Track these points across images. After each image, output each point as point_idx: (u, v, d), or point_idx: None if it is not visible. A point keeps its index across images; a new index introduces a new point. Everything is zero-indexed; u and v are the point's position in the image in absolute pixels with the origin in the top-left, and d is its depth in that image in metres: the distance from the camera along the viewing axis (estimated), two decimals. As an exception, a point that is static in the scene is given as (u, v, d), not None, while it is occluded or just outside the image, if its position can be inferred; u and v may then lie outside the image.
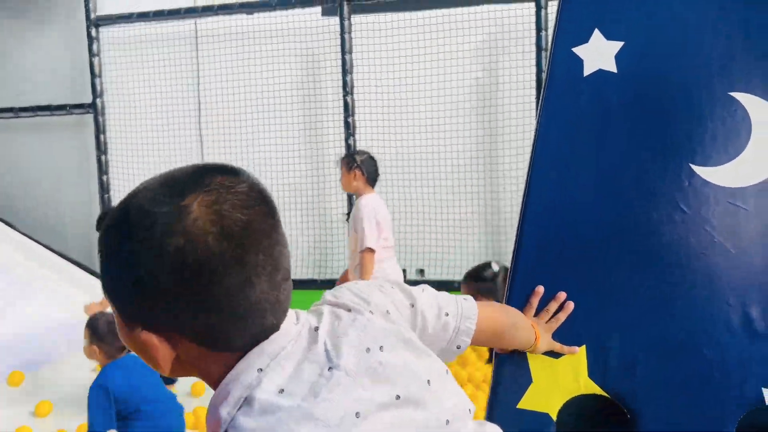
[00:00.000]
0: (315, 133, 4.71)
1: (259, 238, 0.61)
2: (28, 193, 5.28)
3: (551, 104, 1.08)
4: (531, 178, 1.07)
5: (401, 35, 4.41)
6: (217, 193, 0.60)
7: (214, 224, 0.59)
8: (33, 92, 5.16)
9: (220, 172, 0.63)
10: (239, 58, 4.71)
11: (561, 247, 1.06)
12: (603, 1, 1.09)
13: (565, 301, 1.04)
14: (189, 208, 0.59)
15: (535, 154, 1.07)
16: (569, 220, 1.05)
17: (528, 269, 1.06)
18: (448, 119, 4.40)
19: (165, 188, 0.62)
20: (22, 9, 5.16)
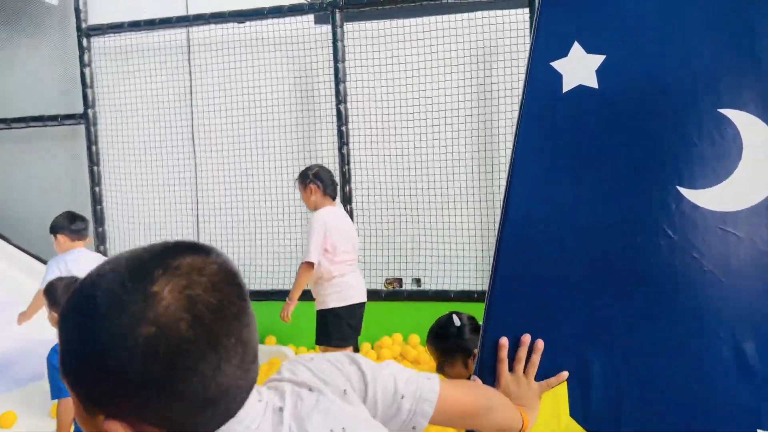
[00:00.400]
0: (308, 143, 4.65)
1: (230, 322, 0.59)
2: (20, 204, 5.22)
3: (528, 123, 1.01)
4: (507, 203, 1.00)
5: (394, 43, 4.35)
6: (188, 278, 0.58)
7: (186, 311, 0.57)
8: (25, 103, 5.11)
9: (190, 251, 0.61)
10: (232, 67, 4.66)
11: (538, 275, 0.99)
12: (583, 11, 1.02)
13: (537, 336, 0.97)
14: (159, 295, 0.57)
15: (512, 178, 1.00)
16: (547, 246, 0.98)
17: (504, 299, 0.99)
18: (443, 127, 4.34)
19: (133, 272, 0.58)
20: (13, 20, 5.12)
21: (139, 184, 4.90)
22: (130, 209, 4.92)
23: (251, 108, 4.64)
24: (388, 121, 4.45)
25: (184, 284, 0.57)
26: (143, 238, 4.90)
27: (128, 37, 4.79)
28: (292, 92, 4.63)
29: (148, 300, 0.56)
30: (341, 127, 4.40)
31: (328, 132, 4.54)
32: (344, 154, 4.42)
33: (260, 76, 4.60)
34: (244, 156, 4.69)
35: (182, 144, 4.84)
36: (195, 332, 0.56)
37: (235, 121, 4.70)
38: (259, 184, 4.64)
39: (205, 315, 0.57)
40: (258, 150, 4.67)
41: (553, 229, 0.98)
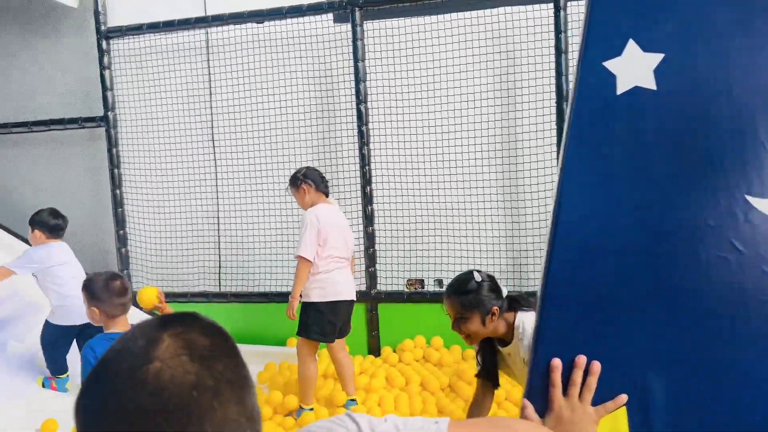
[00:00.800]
0: (328, 143, 4.60)
1: (225, 361, 0.67)
2: (41, 207, 5.23)
3: (579, 127, 0.94)
4: (558, 212, 0.93)
5: (415, 41, 4.28)
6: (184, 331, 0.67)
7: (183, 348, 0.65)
8: (45, 106, 5.13)
9: (179, 318, 0.69)
10: (251, 68, 4.62)
11: (593, 292, 0.92)
12: (638, 6, 0.94)
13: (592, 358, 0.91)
14: (161, 339, 0.65)
15: (562, 187, 0.93)
16: (603, 261, 0.91)
17: (556, 318, 0.92)
18: (465, 126, 4.26)
19: (134, 339, 0.67)
20: (34, 24, 5.13)
21: (160, 186, 4.89)
22: (150, 211, 4.91)
23: (271, 108, 4.60)
24: (410, 120, 4.38)
25: (180, 331, 0.66)
26: (164, 239, 4.89)
27: (147, 39, 4.78)
28: (312, 92, 4.58)
29: (151, 344, 0.64)
30: (361, 127, 4.34)
31: (348, 132, 4.49)
32: (365, 155, 4.36)
33: (279, 77, 4.56)
34: (264, 157, 4.65)
35: (202, 145, 4.82)
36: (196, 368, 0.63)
37: (254, 122, 4.67)
38: (280, 185, 4.60)
39: (202, 352, 0.65)
40: (278, 151, 4.63)
41: (608, 242, 0.91)
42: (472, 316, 1.97)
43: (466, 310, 1.97)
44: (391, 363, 4.14)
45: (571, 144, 0.94)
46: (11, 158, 5.33)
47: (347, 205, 4.52)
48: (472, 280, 1.99)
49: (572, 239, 0.92)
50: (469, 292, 1.97)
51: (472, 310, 1.97)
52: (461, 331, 2.00)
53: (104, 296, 2.38)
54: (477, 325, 1.98)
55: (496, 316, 1.99)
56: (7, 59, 5.25)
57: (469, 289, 1.98)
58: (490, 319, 1.98)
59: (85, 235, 5.16)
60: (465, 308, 1.97)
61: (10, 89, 5.26)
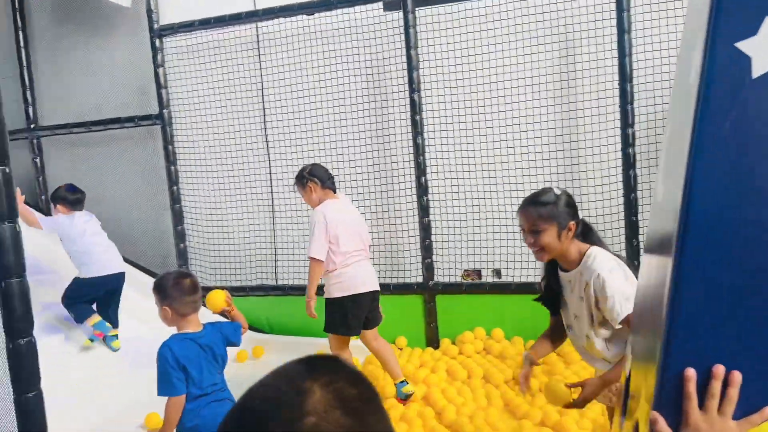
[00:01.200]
0: (381, 134, 4.55)
1: (373, 407, 0.68)
2: (101, 206, 5.35)
3: (709, 115, 0.85)
4: (687, 208, 0.85)
5: (469, 26, 4.18)
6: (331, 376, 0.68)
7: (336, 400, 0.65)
8: (104, 106, 5.23)
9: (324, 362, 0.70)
10: (302, 60, 4.60)
11: (733, 292, 0.84)
12: (773, -21, 0.85)
13: (732, 367, 0.83)
14: (311, 389, 0.65)
15: (692, 179, 0.85)
16: (744, 258, 0.83)
17: (689, 323, 0.85)
18: (523, 112, 4.14)
19: (285, 381, 0.68)
20: (90, 26, 5.23)
21: (214, 181, 4.94)
22: (206, 206, 4.97)
23: (322, 100, 4.58)
24: (464, 107, 4.29)
25: (329, 380, 0.66)
26: (221, 234, 4.94)
27: (199, 36, 4.81)
28: (363, 82, 4.53)
29: (301, 395, 0.64)
30: (415, 116, 4.27)
31: (402, 122, 4.43)
32: (419, 144, 4.29)
33: (331, 68, 4.53)
34: (317, 149, 4.64)
35: (255, 139, 4.84)
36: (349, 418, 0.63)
37: (306, 115, 4.65)
38: (336, 180, 4.57)
39: (353, 404, 0.65)
40: (330, 143, 4.60)
41: (750, 235, 0.83)
42: (549, 227, 1.96)
43: (543, 221, 1.96)
44: (451, 355, 4.09)
45: (701, 131, 0.85)
46: (72, 158, 5.47)
47: (401, 196, 4.47)
48: (551, 192, 2.00)
49: (705, 235, 0.85)
50: (547, 204, 1.97)
51: (550, 221, 1.96)
52: (535, 243, 1.98)
53: (175, 294, 2.37)
54: (552, 238, 1.97)
55: (572, 232, 1.98)
56: (67, 63, 5.37)
57: (547, 200, 1.98)
58: (565, 234, 1.97)
59: (145, 232, 5.27)
60: (542, 219, 1.96)
61: (70, 91, 5.38)
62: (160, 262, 5.16)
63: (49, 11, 5.38)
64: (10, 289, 1.95)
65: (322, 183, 3.48)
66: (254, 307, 4.81)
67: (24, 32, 5.40)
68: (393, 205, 4.56)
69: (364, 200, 4.56)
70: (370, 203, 4.57)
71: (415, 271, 4.45)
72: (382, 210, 4.59)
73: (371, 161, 4.56)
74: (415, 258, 4.45)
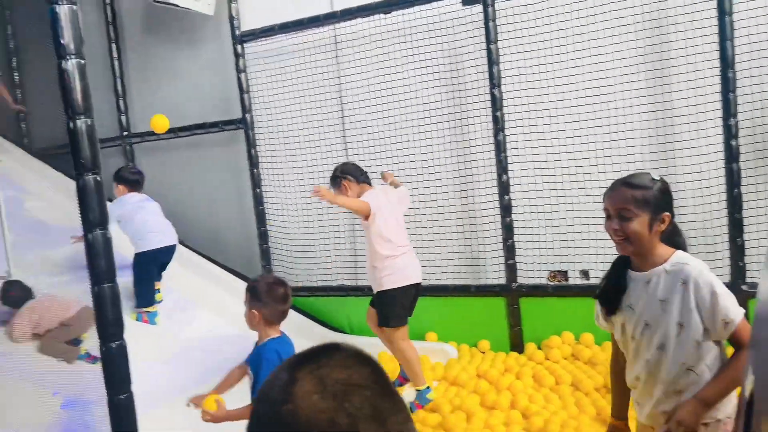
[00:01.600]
0: (461, 131, 4.44)
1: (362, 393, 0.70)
2: (189, 209, 5.56)
3: None
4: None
5: (552, 16, 4.00)
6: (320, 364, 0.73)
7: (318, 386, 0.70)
8: (189, 112, 5.42)
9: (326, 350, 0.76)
10: (379, 60, 4.56)
11: None
12: None
13: None
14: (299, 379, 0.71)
15: None
16: None
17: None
18: (612, 104, 3.91)
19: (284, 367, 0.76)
20: (176, 35, 5.43)
21: (296, 182, 4.99)
22: (288, 207, 5.03)
23: (401, 99, 4.52)
24: (548, 102, 4.11)
25: (315, 367, 0.71)
26: (301, 234, 4.99)
27: (279, 40, 4.87)
28: (442, 80, 4.43)
29: (289, 383, 0.70)
30: (496, 112, 4.14)
31: (482, 119, 4.30)
32: (500, 141, 4.16)
33: (409, 66, 4.46)
34: (396, 149, 4.59)
35: (333, 140, 4.85)
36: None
37: (384, 115, 4.61)
38: (413, 177, 4.52)
39: (335, 388, 0.69)
40: (408, 142, 4.54)
41: None
42: (641, 214, 1.72)
43: (636, 206, 1.71)
44: (537, 360, 3.93)
45: None
46: (161, 163, 5.70)
47: (482, 195, 4.35)
48: (648, 176, 1.76)
49: None
50: (643, 187, 1.73)
51: (642, 207, 1.71)
52: (621, 230, 1.73)
53: (267, 300, 2.35)
54: (642, 226, 1.72)
55: (664, 224, 1.74)
56: (155, 72, 5.60)
57: (642, 183, 1.74)
58: (657, 226, 1.73)
59: (230, 233, 5.42)
60: (635, 203, 1.72)
61: (159, 99, 5.61)
62: (245, 263, 5.28)
63: (139, 23, 5.64)
64: (102, 294, 2.01)
65: (356, 179, 3.53)
66: (335, 307, 4.83)
67: (117, 44, 5.68)
68: (473, 204, 4.44)
69: (444, 199, 4.47)
70: (449, 202, 4.47)
71: (497, 272, 4.32)
72: (462, 209, 4.48)
73: (451, 160, 4.46)
74: (497, 259, 4.31)
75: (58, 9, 1.92)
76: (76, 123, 1.95)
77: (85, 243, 1.99)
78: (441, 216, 4.50)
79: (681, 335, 1.73)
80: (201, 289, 4.91)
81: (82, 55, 1.96)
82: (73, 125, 1.95)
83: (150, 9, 5.38)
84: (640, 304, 1.80)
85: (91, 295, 2.01)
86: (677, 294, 1.72)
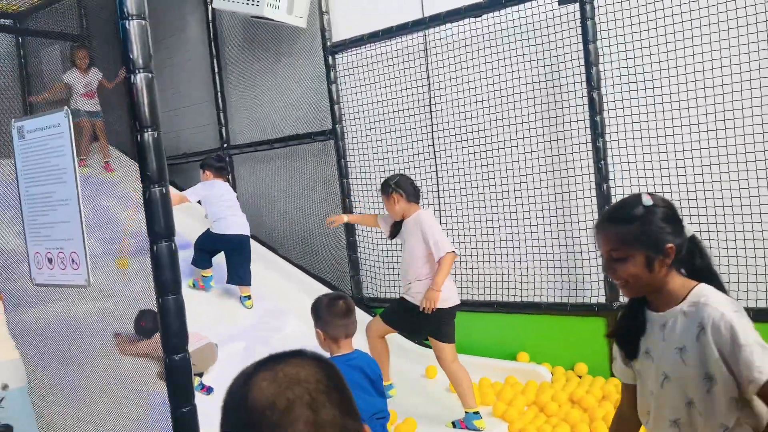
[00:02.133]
0: (557, 137, 4.16)
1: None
2: (284, 218, 5.66)
3: None
4: None
5: (658, 11, 3.64)
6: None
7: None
8: (283, 124, 5.53)
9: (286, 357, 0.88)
10: (470, 65, 4.39)
11: None
12: None
13: None
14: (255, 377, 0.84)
15: None
16: None
17: None
18: (729, 104, 3.49)
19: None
20: (270, 49, 5.56)
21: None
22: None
23: (491, 105, 4.32)
24: (654, 104, 3.75)
25: (272, 365, 0.85)
26: (388, 244, 4.91)
27: (369, 49, 4.84)
28: (536, 83, 4.18)
29: (249, 375, 0.84)
30: (594, 116, 3.84)
31: (579, 123, 4.01)
32: (599, 147, 3.84)
33: (501, 70, 4.25)
34: (488, 157, 4.39)
35: (422, 149, 4.73)
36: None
37: (474, 121, 4.43)
38: (506, 187, 4.30)
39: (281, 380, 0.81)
40: (500, 149, 4.33)
41: None
42: (635, 253, 1.41)
43: (628, 246, 1.41)
44: (640, 389, 3.56)
45: None
46: (258, 173, 5.86)
47: (580, 206, 4.04)
48: (640, 204, 1.42)
49: None
50: (634, 220, 1.41)
51: (635, 245, 1.41)
52: (616, 275, 1.45)
53: (327, 317, 2.34)
54: (640, 268, 1.41)
55: (670, 258, 1.41)
56: (252, 85, 5.78)
57: (634, 215, 1.41)
58: (661, 262, 1.41)
59: (321, 242, 5.44)
60: (625, 243, 1.41)
61: (256, 112, 5.78)
62: (336, 273, 5.29)
63: (238, 38, 5.84)
64: (166, 306, 2.02)
65: (407, 196, 3.56)
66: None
67: (218, 59, 5.92)
68: (570, 216, 4.14)
69: (538, 210, 4.21)
70: (544, 213, 4.21)
71: (595, 290, 3.99)
72: (558, 221, 4.19)
73: (545, 168, 4.20)
74: (595, 276, 3.99)
75: (128, 24, 1.94)
76: (143, 136, 1.96)
77: (150, 255, 2.00)
78: (534, 227, 4.24)
79: (712, 391, 1.39)
80: (292, 297, 4.94)
81: (150, 69, 1.98)
82: (140, 138, 1.96)
83: (248, 24, 5.56)
84: (657, 351, 1.48)
85: (156, 307, 2.02)
86: (696, 341, 1.39)
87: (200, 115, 6.16)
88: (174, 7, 6.20)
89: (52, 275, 2.43)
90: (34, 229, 2.44)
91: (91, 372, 2.54)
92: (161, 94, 5.96)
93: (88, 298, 2.51)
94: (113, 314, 2.34)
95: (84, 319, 2.57)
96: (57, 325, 2.70)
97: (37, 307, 2.73)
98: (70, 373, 2.67)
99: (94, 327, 2.63)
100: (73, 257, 2.31)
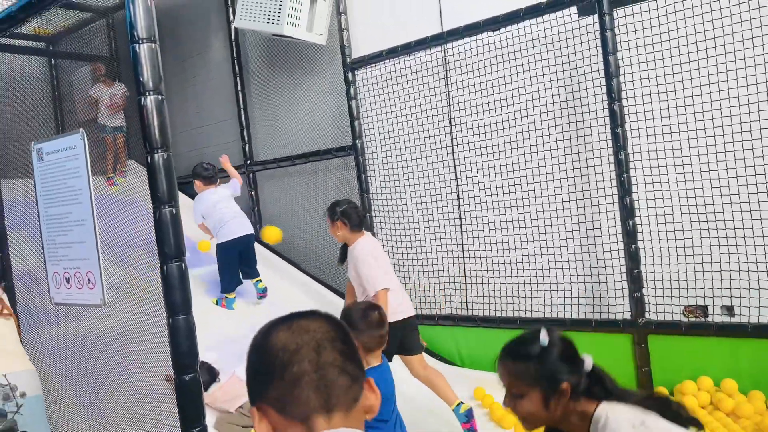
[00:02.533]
0: (578, 150, 4.10)
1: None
2: (304, 233, 5.68)
3: None
4: None
5: (679, 20, 3.57)
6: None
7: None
8: (305, 140, 5.56)
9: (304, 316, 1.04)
10: (490, 78, 4.37)
11: None
12: None
13: None
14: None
15: None
16: None
17: None
18: (756, 114, 3.39)
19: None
20: (292, 67, 5.62)
21: (404, 208, 4.90)
22: (397, 233, 4.95)
23: (511, 119, 4.28)
24: (677, 115, 3.67)
25: (293, 320, 1.00)
26: (410, 259, 4.88)
27: (388, 65, 4.85)
28: (556, 95, 4.14)
29: (273, 326, 1.00)
30: (616, 129, 3.76)
31: (601, 136, 3.94)
32: (621, 160, 3.77)
33: (521, 83, 4.22)
34: (509, 171, 4.34)
35: (443, 164, 4.70)
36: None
37: (495, 135, 4.39)
38: (528, 201, 4.24)
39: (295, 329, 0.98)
40: (524, 164, 4.28)
41: None
42: (530, 392, 1.46)
43: (523, 384, 1.46)
44: (668, 408, 3.45)
45: None
46: (280, 189, 5.90)
47: (602, 219, 3.96)
48: (536, 342, 1.46)
49: None
50: (529, 358, 1.45)
51: (532, 383, 1.45)
52: (515, 410, 1.50)
53: (361, 326, 2.30)
54: (536, 406, 1.46)
55: (564, 397, 1.44)
56: (274, 102, 5.84)
57: (530, 353, 1.46)
58: (556, 401, 1.44)
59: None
60: (522, 380, 1.47)
61: (278, 129, 5.83)
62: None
63: (260, 57, 5.91)
64: (176, 326, 2.02)
65: (351, 225, 3.59)
66: (445, 337, 4.64)
67: (241, 77, 6.00)
68: (593, 230, 4.07)
69: (560, 224, 4.14)
70: (566, 227, 4.14)
71: (620, 306, 3.90)
72: (580, 236, 4.11)
73: (568, 181, 4.13)
74: (620, 291, 3.89)
75: (138, 48, 1.97)
76: (153, 157, 1.98)
77: (161, 275, 2.02)
78: (557, 242, 4.17)
79: None
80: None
81: (160, 91, 2.01)
82: (150, 159, 1.98)
83: (269, 43, 5.62)
84: None
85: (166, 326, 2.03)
86: None
87: (224, 132, 6.24)
88: (198, 27, 6.32)
89: (70, 294, 2.46)
90: (52, 248, 2.48)
91: (109, 389, 2.57)
92: (185, 113, 6.08)
93: (110, 317, 2.53)
94: (128, 335, 2.35)
95: (104, 335, 2.60)
96: (83, 342, 2.74)
97: (59, 324, 2.77)
98: (91, 389, 2.71)
99: (113, 345, 2.65)
100: (89, 277, 2.34)
